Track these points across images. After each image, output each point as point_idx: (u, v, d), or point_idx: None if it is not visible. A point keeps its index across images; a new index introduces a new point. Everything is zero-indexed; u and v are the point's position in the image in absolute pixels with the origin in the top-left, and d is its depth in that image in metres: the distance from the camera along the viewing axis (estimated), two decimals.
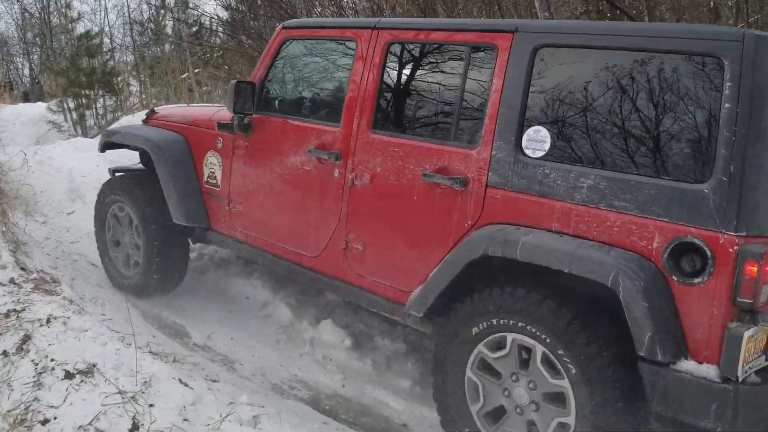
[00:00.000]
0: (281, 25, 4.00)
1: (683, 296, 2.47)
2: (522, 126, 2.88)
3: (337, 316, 4.43)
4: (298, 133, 3.73)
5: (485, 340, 2.88)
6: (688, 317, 2.46)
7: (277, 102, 4.01)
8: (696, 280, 2.43)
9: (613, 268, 2.49)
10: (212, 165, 4.24)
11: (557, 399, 2.73)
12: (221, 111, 4.37)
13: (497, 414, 2.93)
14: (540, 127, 2.84)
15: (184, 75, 14.92)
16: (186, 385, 3.08)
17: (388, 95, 3.43)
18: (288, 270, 3.87)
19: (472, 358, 2.93)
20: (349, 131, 3.46)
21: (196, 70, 14.91)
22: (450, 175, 3.03)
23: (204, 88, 14.89)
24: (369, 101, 3.39)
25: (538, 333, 2.69)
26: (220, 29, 12.55)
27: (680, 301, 2.47)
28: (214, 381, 3.43)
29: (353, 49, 3.53)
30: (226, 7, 11.97)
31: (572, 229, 2.70)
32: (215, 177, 4.23)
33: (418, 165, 3.17)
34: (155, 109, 5.01)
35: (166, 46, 18.33)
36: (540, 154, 2.83)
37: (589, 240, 2.65)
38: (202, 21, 15.65)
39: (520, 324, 2.73)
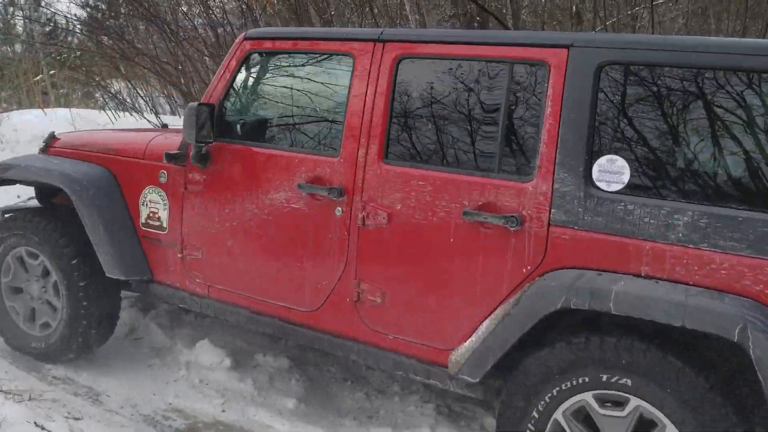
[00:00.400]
0: (243, 35, 3.35)
1: None
2: (591, 155, 2.50)
3: (215, 335, 4.11)
4: (280, 165, 3.13)
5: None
6: None
7: (244, 128, 3.38)
8: None
9: (738, 319, 2.15)
10: (153, 204, 3.54)
11: None
12: (159, 137, 3.77)
13: None
14: (615, 156, 2.47)
15: (38, 77, 13.89)
16: (43, 428, 2.75)
17: (403, 119, 2.91)
18: (274, 328, 3.26)
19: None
20: (353, 162, 2.93)
21: (52, 72, 13.92)
22: (500, 213, 2.59)
23: (60, 90, 13.92)
24: (379, 127, 2.88)
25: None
26: (77, 29, 11.74)
27: None
28: (77, 419, 3.10)
29: (349, 66, 3.01)
30: (84, 5, 11.24)
31: (667, 273, 2.35)
32: (158, 218, 3.53)
33: (453, 201, 2.70)
34: (56, 134, 4.11)
35: (17, 46, 17.01)
36: (617, 187, 2.45)
37: (690, 285, 2.31)
38: (57, 20, 14.65)
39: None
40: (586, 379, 2.43)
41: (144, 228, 3.61)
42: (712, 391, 2.25)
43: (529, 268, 2.57)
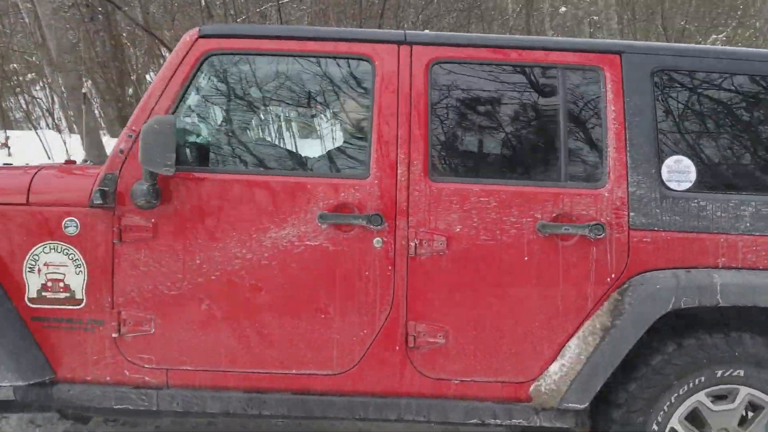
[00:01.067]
0: (195, 32, 2.60)
1: None
2: (659, 157, 2.59)
3: None
4: (286, 195, 2.53)
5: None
6: None
7: (212, 150, 2.66)
8: None
9: None
10: (53, 268, 2.51)
11: None
12: (43, 171, 2.65)
13: None
14: (681, 156, 2.60)
15: None
16: None
17: (447, 131, 2.65)
18: (289, 407, 2.55)
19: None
20: (392, 182, 2.53)
21: None
22: (577, 222, 2.52)
23: None
24: (420, 140, 2.57)
25: None
26: None
27: None
28: None
29: (367, 71, 2.62)
30: None
31: (740, 262, 2.53)
32: (65, 287, 2.51)
33: (524, 215, 2.53)
34: None
35: None
36: (687, 185, 2.58)
37: (761, 270, 2.52)
38: None
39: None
40: (702, 379, 2.51)
41: (35, 306, 2.51)
42: None
43: (613, 276, 2.53)
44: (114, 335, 2.50)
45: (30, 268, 2.48)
